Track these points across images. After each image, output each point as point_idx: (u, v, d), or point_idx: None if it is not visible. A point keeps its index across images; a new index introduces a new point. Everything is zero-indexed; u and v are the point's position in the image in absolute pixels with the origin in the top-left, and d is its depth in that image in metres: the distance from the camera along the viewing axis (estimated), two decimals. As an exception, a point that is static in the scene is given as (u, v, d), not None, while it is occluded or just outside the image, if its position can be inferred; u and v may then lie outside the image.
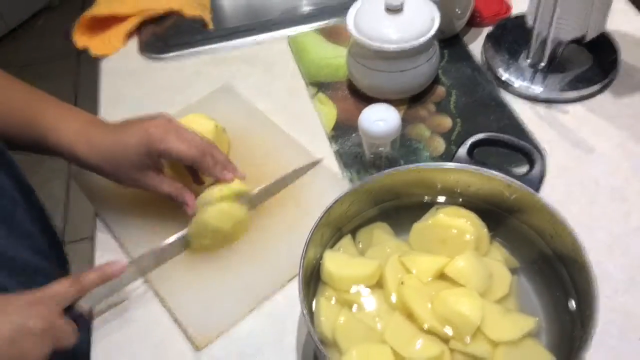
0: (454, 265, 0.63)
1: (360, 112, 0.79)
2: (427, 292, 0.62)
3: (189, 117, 0.84)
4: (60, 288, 0.63)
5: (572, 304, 0.62)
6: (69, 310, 0.64)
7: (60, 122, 0.74)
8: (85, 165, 0.74)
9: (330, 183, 0.82)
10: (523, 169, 0.72)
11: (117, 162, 0.73)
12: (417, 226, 0.68)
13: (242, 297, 0.73)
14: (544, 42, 0.91)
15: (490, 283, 0.63)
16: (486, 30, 1.03)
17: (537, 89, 0.91)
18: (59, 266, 0.85)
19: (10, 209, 0.73)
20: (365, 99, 0.93)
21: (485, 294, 0.62)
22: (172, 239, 0.76)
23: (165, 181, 0.75)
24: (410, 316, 0.61)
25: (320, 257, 0.66)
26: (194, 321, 0.71)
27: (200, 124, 0.82)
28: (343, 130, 0.90)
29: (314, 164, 0.84)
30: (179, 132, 0.74)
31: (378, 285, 0.65)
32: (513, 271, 0.66)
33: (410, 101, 0.93)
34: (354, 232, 0.70)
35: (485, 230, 0.67)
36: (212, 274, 0.75)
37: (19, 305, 0.60)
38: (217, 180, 0.76)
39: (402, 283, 0.62)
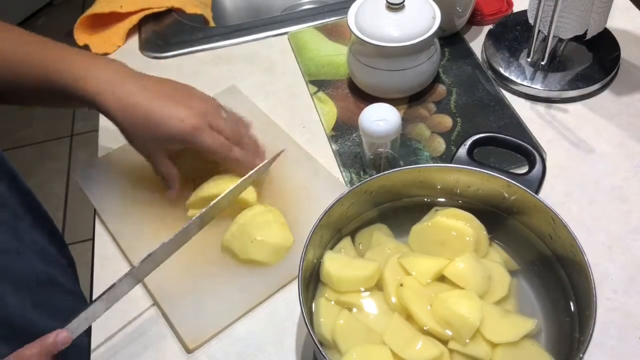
0: (453, 267, 0.63)
1: (360, 111, 0.79)
2: (426, 294, 0.62)
3: None
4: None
5: (571, 305, 0.62)
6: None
7: (88, 70, 0.72)
8: (110, 118, 0.73)
9: (329, 184, 0.82)
10: (523, 169, 0.72)
11: (142, 133, 0.73)
12: (417, 228, 0.68)
13: (239, 299, 0.73)
14: (544, 40, 0.91)
15: (489, 285, 0.63)
16: (487, 28, 1.02)
17: (537, 88, 0.91)
18: (67, 267, 0.85)
19: (15, 220, 0.73)
20: (366, 97, 0.93)
21: (485, 296, 0.63)
22: (166, 239, 0.71)
23: (167, 162, 0.76)
24: (409, 318, 0.62)
25: (320, 259, 0.66)
26: (186, 322, 0.71)
27: None
28: (343, 130, 0.90)
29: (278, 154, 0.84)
30: (215, 122, 0.74)
31: (377, 287, 0.65)
32: (512, 273, 0.66)
33: (411, 100, 0.93)
34: (353, 234, 0.70)
35: (484, 232, 0.67)
36: (208, 274, 0.75)
37: None
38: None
39: (401, 285, 0.62)
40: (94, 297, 0.75)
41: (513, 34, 0.99)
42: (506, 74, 0.94)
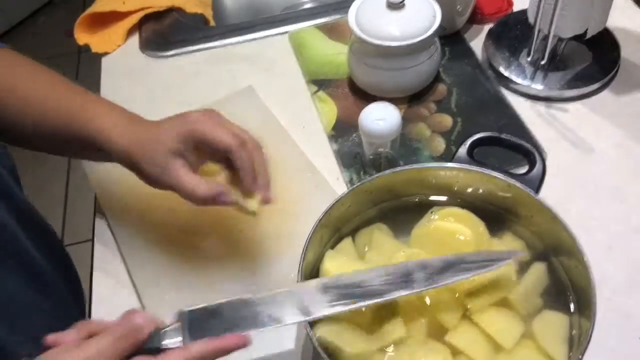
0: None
1: (360, 110, 0.79)
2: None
3: None
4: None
5: (571, 305, 0.62)
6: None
7: (98, 114, 0.69)
8: (115, 150, 0.67)
9: (329, 183, 0.82)
10: (523, 169, 0.72)
11: (148, 146, 0.65)
12: (417, 230, 0.68)
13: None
14: (545, 39, 0.91)
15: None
16: (487, 27, 1.02)
17: (537, 87, 0.91)
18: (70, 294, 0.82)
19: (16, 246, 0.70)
20: (366, 97, 0.93)
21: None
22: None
23: (188, 173, 0.65)
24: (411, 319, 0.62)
25: (320, 259, 0.66)
26: None
27: None
28: (343, 130, 0.90)
29: None
30: (222, 121, 0.67)
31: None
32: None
33: (411, 100, 0.93)
34: (353, 234, 0.70)
35: (484, 231, 0.67)
36: (206, 274, 0.75)
37: None
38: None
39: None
40: (93, 297, 0.75)
41: (513, 33, 0.99)
42: (506, 74, 0.93)
